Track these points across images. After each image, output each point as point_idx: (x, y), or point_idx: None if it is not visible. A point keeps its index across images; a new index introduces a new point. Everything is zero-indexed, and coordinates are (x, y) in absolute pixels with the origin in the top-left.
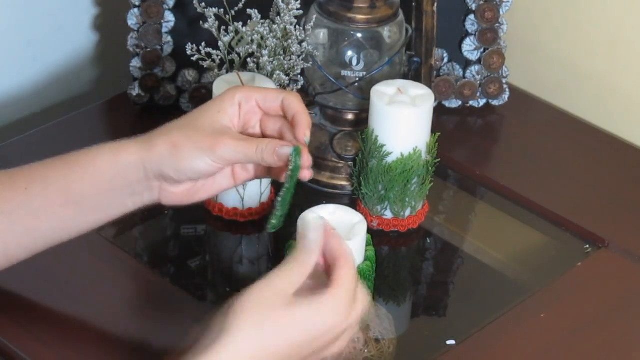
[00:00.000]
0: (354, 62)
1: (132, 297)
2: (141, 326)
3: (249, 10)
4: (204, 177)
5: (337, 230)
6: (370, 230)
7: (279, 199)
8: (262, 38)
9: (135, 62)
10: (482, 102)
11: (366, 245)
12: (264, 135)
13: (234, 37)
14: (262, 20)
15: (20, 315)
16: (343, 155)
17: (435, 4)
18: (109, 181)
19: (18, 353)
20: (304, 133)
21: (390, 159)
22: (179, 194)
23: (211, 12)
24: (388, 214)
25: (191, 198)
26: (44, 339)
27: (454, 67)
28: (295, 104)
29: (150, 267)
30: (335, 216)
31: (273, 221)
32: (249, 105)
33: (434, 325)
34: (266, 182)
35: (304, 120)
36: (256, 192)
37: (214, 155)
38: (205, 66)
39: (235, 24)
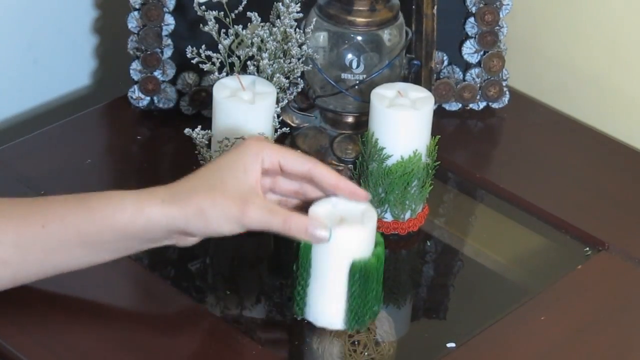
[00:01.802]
0: (354, 64)
1: (131, 299)
2: (141, 328)
3: (249, 13)
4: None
5: (347, 219)
6: None
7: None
8: (262, 41)
9: (136, 65)
10: (482, 104)
11: (376, 245)
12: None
13: (234, 40)
14: (262, 23)
15: (19, 315)
16: (343, 158)
17: (435, 7)
18: (129, 234)
19: (15, 354)
20: (366, 197)
21: (390, 162)
22: (196, 240)
23: (211, 15)
24: (388, 217)
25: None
26: (42, 340)
27: (454, 70)
28: (330, 177)
29: (150, 269)
30: (342, 207)
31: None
32: (271, 164)
33: (434, 328)
34: None
35: (350, 187)
36: None
37: (240, 224)
38: (205, 69)
39: (235, 26)
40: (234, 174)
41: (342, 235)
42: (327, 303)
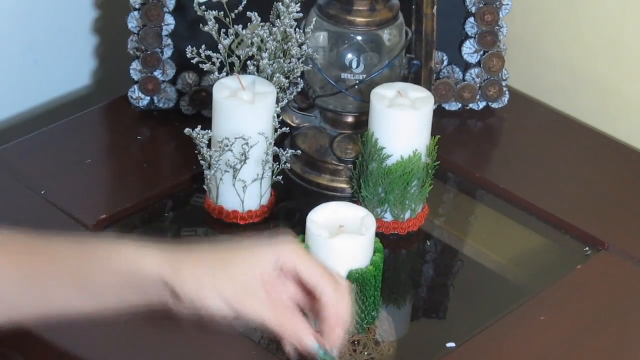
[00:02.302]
0: (354, 65)
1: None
2: (140, 328)
3: (249, 13)
4: None
5: (346, 227)
6: None
7: None
8: (262, 41)
9: (136, 65)
10: (482, 104)
11: (375, 253)
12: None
13: (234, 40)
14: (262, 23)
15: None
16: (343, 158)
17: (435, 7)
18: (126, 285)
19: (15, 354)
20: (334, 345)
21: (390, 162)
22: (188, 313)
23: (211, 15)
24: (388, 217)
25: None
26: (41, 339)
27: (454, 70)
28: (329, 301)
29: None
30: (341, 214)
31: None
32: (286, 270)
33: (434, 328)
34: (266, 185)
35: (333, 324)
36: (256, 195)
37: (234, 313)
38: (205, 69)
39: (236, 27)
40: (245, 266)
41: (340, 245)
42: None
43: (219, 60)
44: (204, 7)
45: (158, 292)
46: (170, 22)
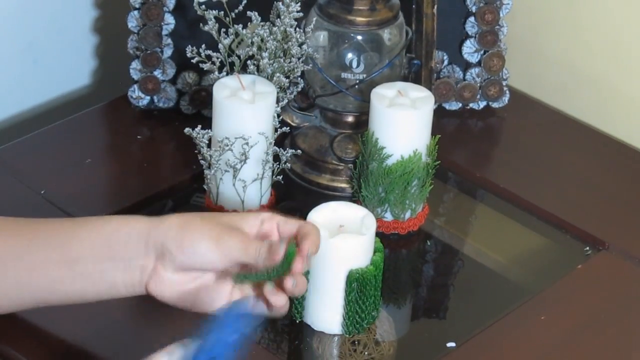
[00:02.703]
0: (354, 64)
1: (131, 299)
2: (140, 328)
3: (249, 13)
4: (202, 268)
5: (346, 226)
6: None
7: (260, 273)
8: (262, 40)
9: (135, 65)
10: (482, 104)
11: (375, 252)
12: None
13: (234, 40)
14: (262, 23)
15: (19, 315)
16: (343, 158)
17: (436, 6)
18: (108, 247)
19: (12, 352)
20: (309, 247)
21: (390, 162)
22: (170, 286)
23: (211, 14)
24: (388, 217)
25: (182, 300)
26: (40, 338)
27: (454, 70)
28: (311, 228)
29: None
30: (341, 213)
31: (241, 277)
32: (270, 225)
33: (434, 327)
34: (266, 185)
35: (315, 239)
36: (256, 195)
37: (217, 243)
38: (205, 69)
39: (235, 26)
40: (230, 217)
41: (340, 244)
42: (324, 309)
43: (219, 59)
44: (203, 6)
45: (139, 263)
46: (170, 21)
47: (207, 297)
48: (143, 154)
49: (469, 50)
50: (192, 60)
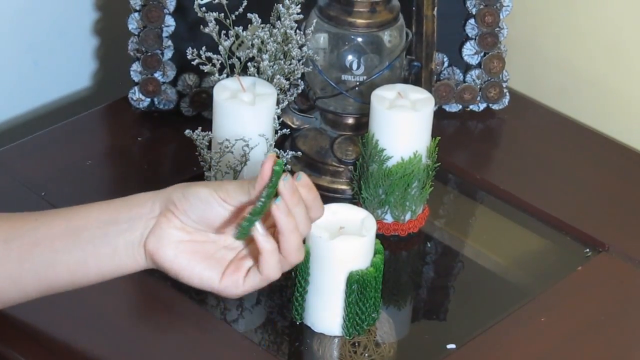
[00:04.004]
0: (354, 66)
1: (131, 300)
2: (141, 329)
3: (249, 15)
4: (203, 220)
5: (346, 228)
6: None
7: (255, 208)
8: (262, 42)
9: (136, 67)
10: (482, 106)
11: (375, 254)
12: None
13: (234, 42)
14: (262, 25)
15: (19, 316)
16: (343, 160)
17: (436, 8)
18: (115, 212)
19: (13, 353)
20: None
21: (390, 163)
22: (168, 242)
23: (211, 16)
24: (388, 218)
25: (176, 262)
26: (40, 340)
27: (454, 71)
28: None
29: (149, 270)
30: (342, 215)
31: (239, 229)
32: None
33: (434, 329)
34: None
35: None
36: None
37: (216, 189)
38: (205, 70)
39: (236, 28)
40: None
41: (340, 246)
42: (325, 311)
43: (219, 61)
44: (204, 8)
45: (145, 212)
46: (170, 23)
47: (203, 262)
48: (143, 155)
49: (469, 52)
50: (192, 62)
